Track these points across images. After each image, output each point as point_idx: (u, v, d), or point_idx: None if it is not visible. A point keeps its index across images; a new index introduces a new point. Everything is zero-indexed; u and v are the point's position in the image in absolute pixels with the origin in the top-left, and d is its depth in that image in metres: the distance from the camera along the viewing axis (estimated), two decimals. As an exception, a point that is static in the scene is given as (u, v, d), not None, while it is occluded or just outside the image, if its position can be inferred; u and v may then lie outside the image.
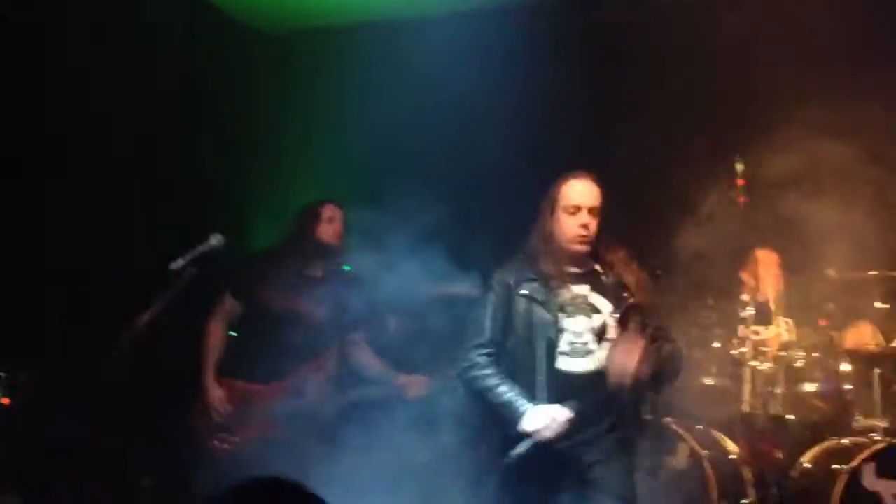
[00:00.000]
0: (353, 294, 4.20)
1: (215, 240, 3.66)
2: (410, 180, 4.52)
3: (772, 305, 4.78)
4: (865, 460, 4.11)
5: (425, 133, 5.47)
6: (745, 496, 4.27)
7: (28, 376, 3.97)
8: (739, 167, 4.56)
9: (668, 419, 4.39)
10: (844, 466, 4.13)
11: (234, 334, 4.27)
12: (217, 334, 4.22)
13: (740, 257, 4.86)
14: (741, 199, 4.73)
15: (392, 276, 4.09)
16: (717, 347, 4.59)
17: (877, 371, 4.40)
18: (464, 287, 4.25)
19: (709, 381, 4.57)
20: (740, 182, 4.67)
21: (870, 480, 4.10)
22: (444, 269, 4.16)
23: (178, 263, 3.48)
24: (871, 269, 4.57)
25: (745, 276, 4.73)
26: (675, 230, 4.59)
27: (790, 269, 4.84)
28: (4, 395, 4.16)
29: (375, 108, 5.60)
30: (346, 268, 4.36)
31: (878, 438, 4.22)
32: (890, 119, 4.62)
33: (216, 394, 4.12)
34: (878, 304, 4.57)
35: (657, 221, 4.84)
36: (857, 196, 4.66)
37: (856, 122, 4.48)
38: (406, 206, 4.11)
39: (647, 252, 3.93)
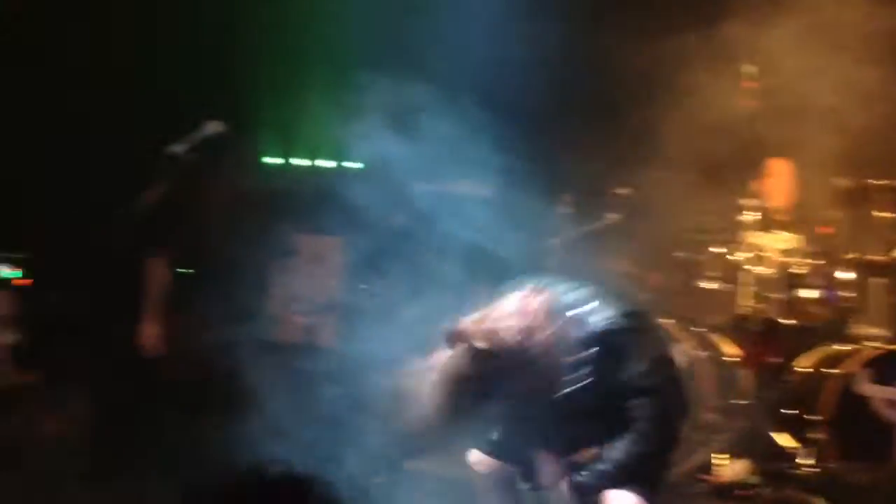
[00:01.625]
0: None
1: (214, 127, 3.63)
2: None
3: (777, 213, 4.80)
4: (860, 366, 4.17)
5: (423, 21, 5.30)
6: (741, 398, 4.35)
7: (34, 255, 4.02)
8: (749, 69, 4.49)
9: (667, 321, 4.44)
10: (838, 371, 4.20)
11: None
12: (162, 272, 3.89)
13: (750, 164, 4.85)
14: (751, 104, 4.70)
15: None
16: (718, 252, 4.59)
17: (877, 280, 4.43)
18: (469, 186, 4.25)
19: (708, 285, 4.59)
20: (751, 84, 4.63)
21: (863, 386, 4.16)
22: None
23: (177, 148, 3.46)
24: (875, 178, 4.55)
25: (754, 183, 4.72)
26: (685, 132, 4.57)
27: (798, 177, 4.83)
28: (26, 277, 4.22)
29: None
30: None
31: (875, 346, 4.27)
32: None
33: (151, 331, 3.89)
34: (879, 214, 4.54)
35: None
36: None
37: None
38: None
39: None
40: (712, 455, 4.18)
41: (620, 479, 2.46)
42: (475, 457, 2.81)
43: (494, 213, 4.08)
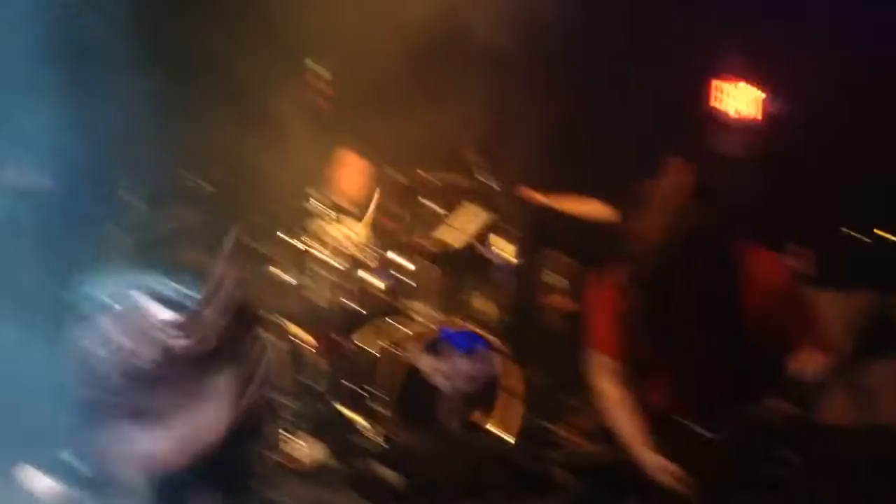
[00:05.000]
0: None
1: None
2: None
3: (346, 203, 5.08)
4: (416, 342, 4.59)
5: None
6: (314, 381, 4.54)
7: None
8: (317, 69, 4.67)
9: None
10: (399, 348, 4.58)
11: None
12: None
13: (318, 159, 5.06)
14: (322, 103, 4.89)
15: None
16: (289, 241, 4.73)
17: (429, 264, 4.91)
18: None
19: (280, 274, 4.71)
20: (318, 85, 4.82)
21: (419, 360, 4.59)
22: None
23: None
24: (429, 171, 5.02)
25: (327, 175, 4.94)
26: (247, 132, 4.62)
27: (365, 168, 5.15)
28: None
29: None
30: None
31: (426, 321, 4.72)
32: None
33: None
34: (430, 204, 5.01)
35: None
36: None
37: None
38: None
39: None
40: (287, 438, 4.30)
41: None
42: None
43: (51, 206, 3.77)
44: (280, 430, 4.27)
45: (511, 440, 4.58)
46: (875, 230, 4.84)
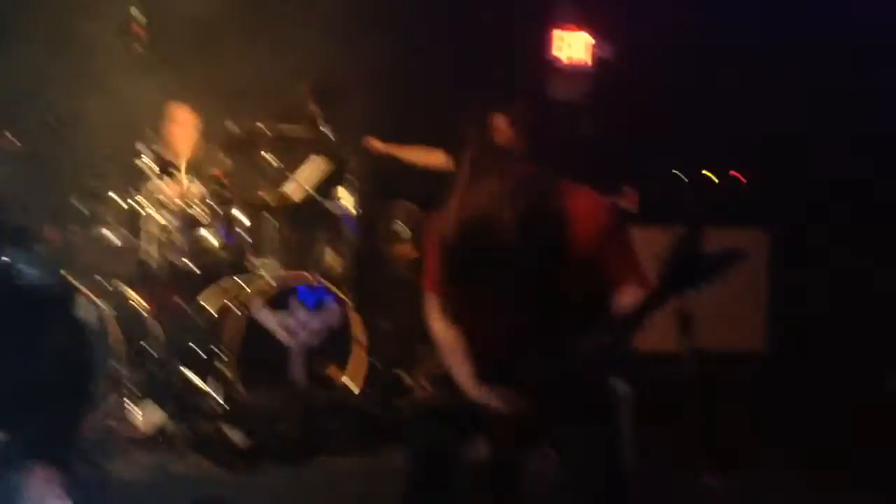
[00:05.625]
0: None
1: None
2: None
3: (177, 158, 4.88)
4: (257, 297, 4.50)
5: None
6: (151, 345, 4.38)
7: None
8: (136, 13, 4.43)
9: (68, 275, 4.24)
10: (239, 304, 4.48)
11: None
12: None
13: (148, 110, 4.85)
14: (139, 49, 4.67)
15: None
16: (116, 201, 4.51)
17: (268, 217, 4.81)
18: None
19: (109, 235, 4.49)
20: (138, 30, 4.59)
21: (261, 314, 4.51)
22: None
23: None
24: (266, 123, 4.89)
25: (155, 130, 4.73)
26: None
27: (200, 121, 4.97)
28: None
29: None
30: None
31: (269, 277, 4.63)
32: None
33: None
34: (267, 156, 4.90)
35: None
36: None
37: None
38: None
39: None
40: (126, 405, 4.15)
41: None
42: None
43: None
44: (116, 397, 4.12)
45: (356, 390, 4.59)
46: (701, 171, 5.07)
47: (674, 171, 4.95)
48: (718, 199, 4.83)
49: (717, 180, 4.87)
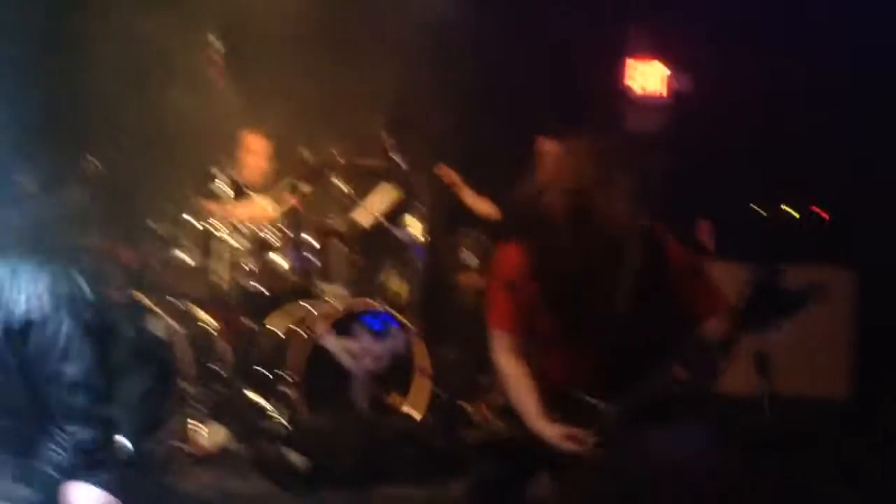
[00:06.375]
0: None
1: None
2: None
3: (250, 184, 4.96)
4: (323, 322, 4.51)
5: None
6: (219, 365, 4.42)
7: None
8: (213, 40, 4.53)
9: (141, 295, 4.32)
10: (305, 329, 4.49)
11: None
12: None
13: (223, 137, 4.93)
14: (219, 76, 4.76)
15: None
16: (192, 223, 4.59)
17: (336, 244, 4.83)
18: None
19: (182, 257, 4.57)
20: (216, 58, 4.68)
21: (326, 340, 4.51)
22: None
23: None
24: (337, 151, 4.93)
25: (229, 155, 4.82)
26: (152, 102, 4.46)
27: (273, 148, 5.04)
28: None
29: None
30: None
31: (335, 302, 4.64)
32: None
33: None
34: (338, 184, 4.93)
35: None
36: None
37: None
38: None
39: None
40: (190, 424, 4.19)
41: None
42: None
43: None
44: (181, 416, 4.16)
45: (418, 418, 4.55)
46: (781, 206, 4.94)
47: (751, 205, 4.82)
48: (799, 235, 4.68)
49: (797, 215, 4.73)
